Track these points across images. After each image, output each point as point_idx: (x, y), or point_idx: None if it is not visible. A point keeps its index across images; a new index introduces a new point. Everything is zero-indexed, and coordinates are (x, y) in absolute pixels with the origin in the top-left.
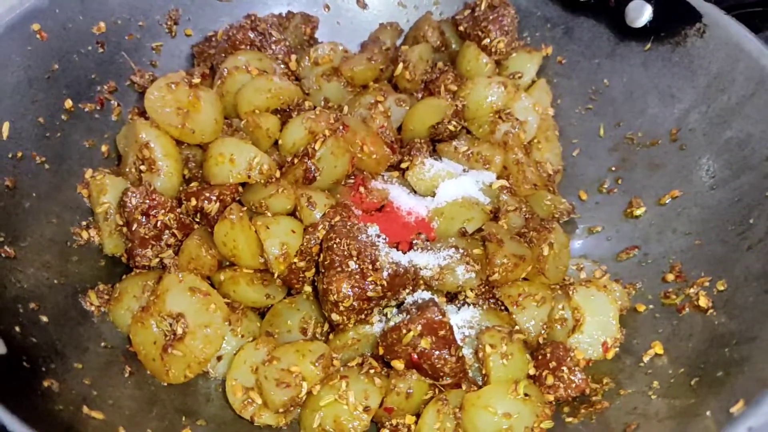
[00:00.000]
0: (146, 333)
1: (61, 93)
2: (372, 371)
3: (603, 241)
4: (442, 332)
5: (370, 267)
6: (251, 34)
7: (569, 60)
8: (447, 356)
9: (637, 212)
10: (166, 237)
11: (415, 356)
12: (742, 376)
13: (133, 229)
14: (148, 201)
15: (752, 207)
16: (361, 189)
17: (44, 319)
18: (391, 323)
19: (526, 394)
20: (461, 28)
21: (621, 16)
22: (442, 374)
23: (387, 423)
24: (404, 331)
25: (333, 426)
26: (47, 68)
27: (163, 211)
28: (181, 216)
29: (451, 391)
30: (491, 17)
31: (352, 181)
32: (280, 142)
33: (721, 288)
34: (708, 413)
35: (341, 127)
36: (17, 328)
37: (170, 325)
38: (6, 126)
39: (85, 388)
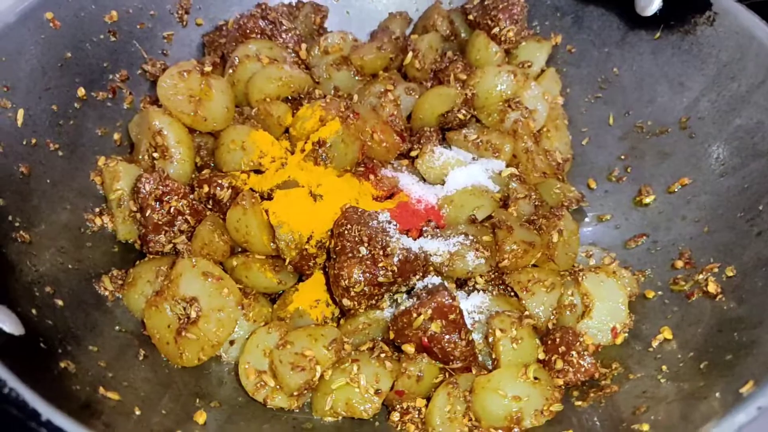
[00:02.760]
0: (160, 317)
1: (74, 81)
2: (383, 355)
3: (612, 229)
4: (452, 316)
5: (381, 253)
6: (262, 23)
7: (579, 49)
8: (457, 340)
9: (647, 200)
10: (179, 223)
11: (426, 340)
12: (750, 358)
13: (147, 215)
14: (161, 187)
15: (761, 194)
16: (371, 177)
17: (60, 302)
18: (402, 308)
19: (535, 378)
20: (471, 17)
21: (631, 5)
22: (452, 358)
23: (398, 406)
24: (415, 315)
25: (345, 408)
26: (60, 56)
27: (176, 197)
28: (194, 202)
29: (461, 374)
30: (501, 6)
31: (362, 169)
32: (290, 129)
33: (730, 274)
34: (717, 395)
35: (351, 115)
36: (34, 311)
37: (184, 308)
38: (20, 113)
39: (101, 369)
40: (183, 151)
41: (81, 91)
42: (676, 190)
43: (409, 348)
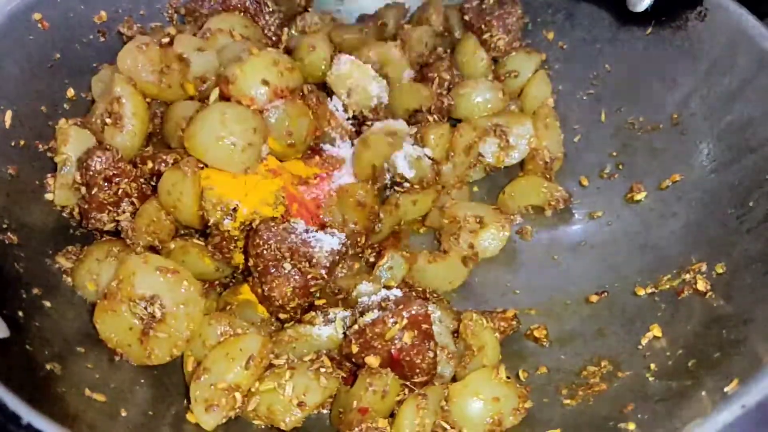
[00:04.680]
0: (118, 320)
1: (63, 82)
2: (322, 369)
3: (604, 226)
4: (425, 326)
5: (307, 265)
6: (247, 0)
7: (570, 45)
8: (428, 351)
9: (638, 197)
10: (124, 204)
11: (395, 352)
12: (738, 356)
13: (93, 192)
14: (113, 169)
15: (752, 190)
16: (317, 158)
17: (47, 304)
18: (367, 319)
19: (507, 377)
20: (466, 17)
21: (622, 1)
22: (418, 371)
23: (356, 429)
24: (388, 325)
25: (266, 413)
26: (49, 57)
27: (126, 180)
28: (143, 186)
29: (428, 387)
30: (497, 13)
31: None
32: None
33: (720, 271)
34: (703, 393)
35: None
36: (20, 313)
37: (145, 308)
38: (8, 115)
39: (87, 371)
40: (136, 124)
41: (70, 92)
42: (667, 186)
43: (373, 361)
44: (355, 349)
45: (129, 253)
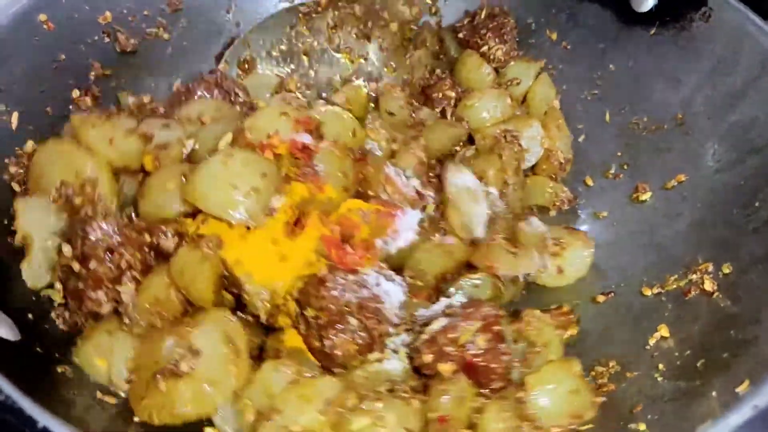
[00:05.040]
0: (158, 346)
1: (68, 83)
2: (405, 395)
3: (609, 226)
4: (497, 328)
5: (375, 321)
6: (216, 91)
7: (574, 45)
8: (502, 354)
9: (643, 197)
10: (126, 279)
11: (470, 357)
12: (747, 357)
13: (91, 267)
14: (117, 236)
15: (757, 190)
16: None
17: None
18: (436, 327)
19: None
20: (460, 35)
21: (626, 1)
22: (494, 376)
23: None
24: (460, 329)
25: None
26: (54, 58)
27: (131, 249)
28: (147, 256)
29: (505, 390)
30: (490, 26)
31: None
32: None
33: (727, 271)
34: (713, 393)
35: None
36: (30, 316)
37: (182, 355)
38: (15, 116)
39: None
40: (112, 205)
41: (75, 93)
42: (672, 186)
43: (447, 368)
44: (427, 358)
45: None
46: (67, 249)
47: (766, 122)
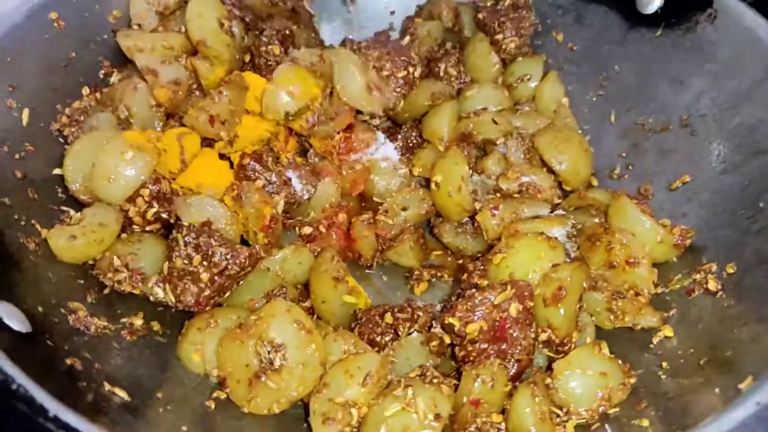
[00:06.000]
0: (241, 352)
1: (79, 80)
2: (435, 380)
3: None
4: (529, 303)
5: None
6: None
7: (580, 47)
8: (530, 329)
9: (648, 198)
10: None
11: (501, 320)
12: (750, 354)
13: (225, 284)
14: (248, 261)
15: (762, 191)
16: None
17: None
18: (473, 289)
19: (611, 353)
20: (480, 15)
21: (632, 2)
22: (519, 348)
23: (472, 427)
24: (497, 290)
25: None
26: (65, 56)
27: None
28: None
29: (535, 375)
30: (512, 15)
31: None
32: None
33: (731, 271)
34: (716, 390)
35: None
36: (40, 308)
37: (268, 352)
38: (26, 113)
39: (108, 367)
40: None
41: (86, 91)
42: (677, 187)
43: (474, 329)
44: (458, 317)
45: (225, 320)
46: (195, 261)
47: None
